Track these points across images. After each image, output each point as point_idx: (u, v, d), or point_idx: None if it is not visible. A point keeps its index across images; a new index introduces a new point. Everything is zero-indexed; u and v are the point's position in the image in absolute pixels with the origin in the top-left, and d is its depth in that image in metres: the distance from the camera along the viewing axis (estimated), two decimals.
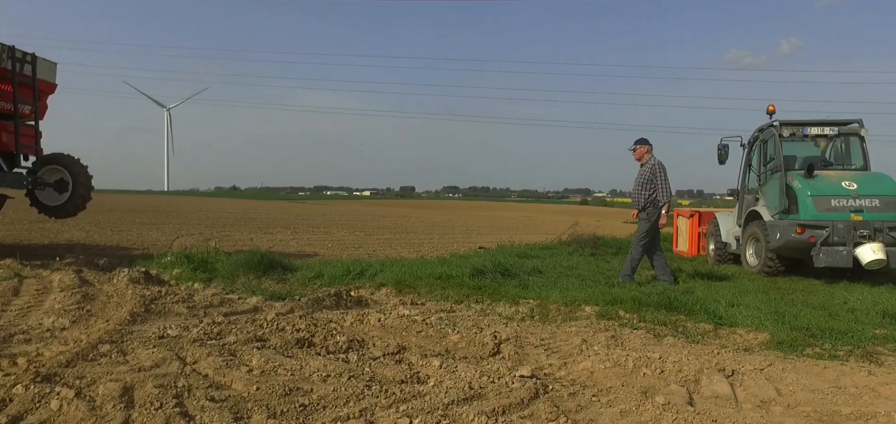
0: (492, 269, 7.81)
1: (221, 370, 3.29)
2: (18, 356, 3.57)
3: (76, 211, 8.98)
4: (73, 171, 8.81)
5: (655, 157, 8.16)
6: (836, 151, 10.45)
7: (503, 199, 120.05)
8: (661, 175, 7.94)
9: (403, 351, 3.88)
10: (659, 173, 7.94)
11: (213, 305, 5.24)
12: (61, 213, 8.87)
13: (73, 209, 8.89)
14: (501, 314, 5.49)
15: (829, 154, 10.43)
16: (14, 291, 5.73)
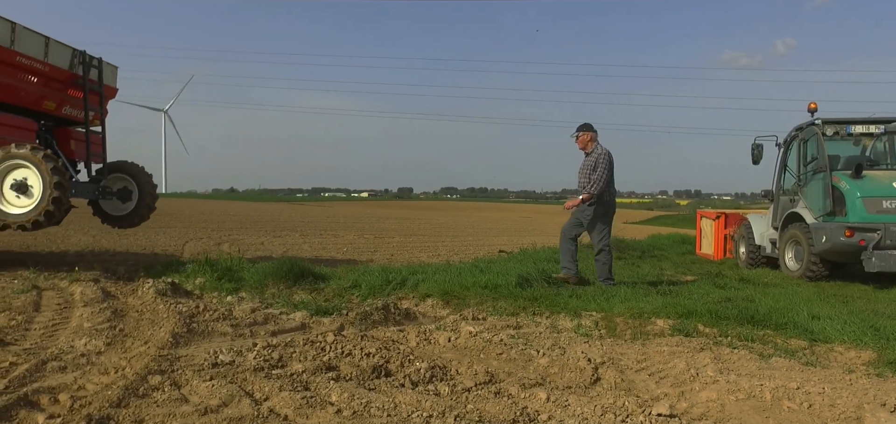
0: (536, 276, 7.37)
1: (302, 410, 2.82)
2: (58, 391, 3.09)
3: (141, 221, 8.70)
4: (139, 180, 8.54)
5: (602, 146, 7.45)
6: (876, 150, 10.05)
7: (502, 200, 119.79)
8: (602, 166, 7.23)
9: (495, 380, 3.42)
10: (601, 164, 7.24)
11: (257, 322, 4.76)
12: (126, 223, 8.61)
13: (138, 220, 8.62)
14: (567, 328, 5.05)
15: (869, 153, 10.04)
16: (35, 306, 5.24)
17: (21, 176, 6.84)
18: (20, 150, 6.79)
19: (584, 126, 7.52)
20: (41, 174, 6.76)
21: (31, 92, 7.46)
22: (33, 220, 6.81)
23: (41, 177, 6.77)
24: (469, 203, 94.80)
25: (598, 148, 7.38)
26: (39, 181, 6.78)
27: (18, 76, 7.22)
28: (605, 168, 7.24)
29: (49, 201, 6.75)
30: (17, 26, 7.01)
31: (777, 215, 10.53)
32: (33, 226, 6.90)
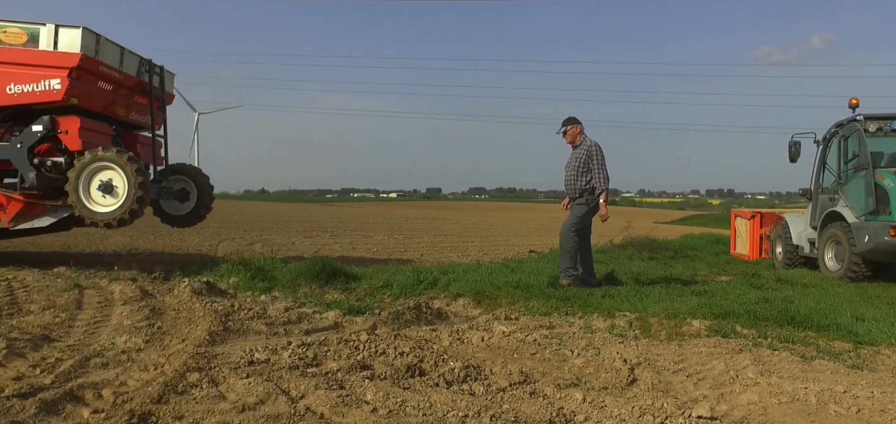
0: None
1: (338, 408, 2.83)
2: (101, 386, 3.16)
3: (198, 221, 9.02)
4: (198, 181, 8.85)
5: (590, 137, 7.14)
6: None
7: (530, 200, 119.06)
8: (598, 158, 6.94)
9: (530, 381, 3.39)
10: (595, 156, 6.94)
11: (291, 321, 4.81)
12: (184, 223, 8.92)
13: (196, 219, 8.95)
14: (601, 328, 4.98)
15: None
16: (77, 303, 5.38)
17: (107, 177, 7.23)
18: (107, 153, 7.19)
19: (570, 119, 7.24)
20: (126, 175, 7.16)
21: (109, 99, 7.86)
22: (119, 218, 7.21)
23: (126, 178, 7.17)
24: (498, 203, 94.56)
25: (586, 140, 7.09)
26: (124, 182, 7.19)
27: (100, 84, 7.63)
28: (602, 159, 6.98)
29: (133, 200, 7.16)
30: (101, 38, 7.41)
31: (816, 215, 10.26)
32: (118, 224, 7.29)
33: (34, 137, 7.33)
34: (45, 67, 7.13)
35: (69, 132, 7.36)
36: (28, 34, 7.16)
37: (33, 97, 7.19)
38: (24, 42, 7.17)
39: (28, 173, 7.33)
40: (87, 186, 7.24)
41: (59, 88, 7.11)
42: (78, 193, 7.20)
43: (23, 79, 7.16)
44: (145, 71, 8.27)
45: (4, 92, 7.19)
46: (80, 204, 7.21)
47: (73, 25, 7.17)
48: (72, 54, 7.11)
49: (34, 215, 7.54)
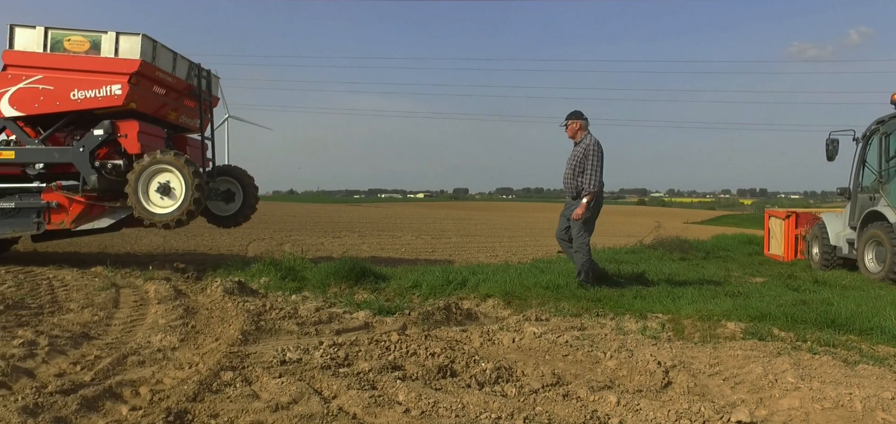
0: (597, 277, 7.23)
1: (370, 409, 2.83)
2: (138, 384, 3.22)
3: (244, 221, 9.23)
4: (244, 182, 9.06)
5: (592, 135, 6.86)
6: None
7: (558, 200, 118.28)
8: (594, 158, 6.66)
9: (563, 382, 3.35)
10: (592, 155, 6.67)
11: (321, 321, 4.84)
12: (230, 223, 9.15)
13: (242, 219, 9.16)
14: (633, 330, 4.91)
15: None
16: (114, 302, 5.50)
17: (165, 179, 7.49)
18: (165, 155, 7.46)
19: (573, 114, 7.03)
20: (184, 178, 7.42)
21: (162, 103, 8.14)
22: (177, 219, 7.48)
23: (184, 180, 7.43)
24: (525, 204, 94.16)
25: (587, 138, 6.86)
26: (181, 184, 7.45)
27: (155, 89, 7.91)
28: (599, 159, 6.73)
29: (191, 201, 7.42)
30: (157, 44, 7.68)
31: (855, 214, 9.98)
32: (176, 224, 7.55)
33: (96, 141, 7.60)
34: (106, 74, 7.42)
35: (128, 136, 7.63)
36: (90, 42, 7.46)
37: (95, 102, 7.47)
38: (87, 50, 7.46)
39: (90, 175, 7.59)
40: (146, 188, 7.50)
41: (119, 93, 7.37)
42: (137, 194, 7.45)
43: (85, 85, 7.44)
44: (194, 75, 8.52)
45: (68, 98, 7.48)
46: (139, 205, 7.46)
47: (133, 33, 7.47)
48: (132, 61, 7.40)
49: (94, 217, 7.81)
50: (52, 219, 7.62)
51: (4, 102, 7.54)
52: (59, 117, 7.72)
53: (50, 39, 7.48)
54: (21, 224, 7.66)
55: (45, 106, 7.53)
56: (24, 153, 7.65)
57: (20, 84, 7.49)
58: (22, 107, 7.54)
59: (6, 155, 7.63)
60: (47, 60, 7.48)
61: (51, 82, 7.48)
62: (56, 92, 7.48)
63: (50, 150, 7.69)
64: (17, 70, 7.52)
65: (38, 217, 7.62)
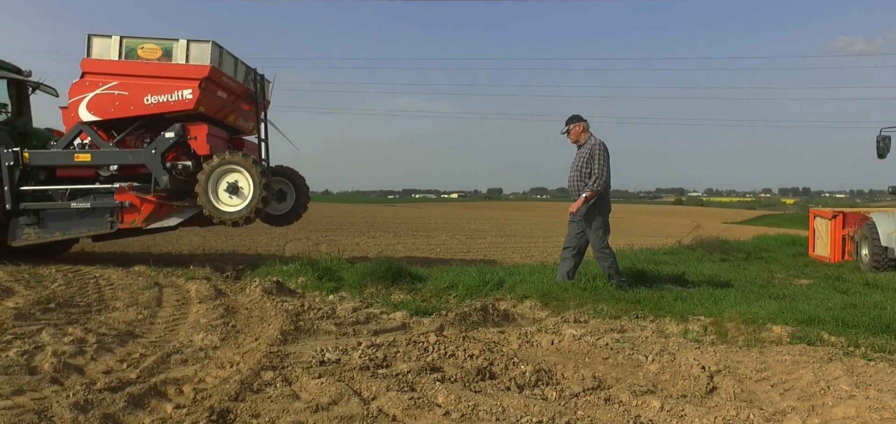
0: (635, 278, 7.11)
1: (410, 411, 2.82)
2: (182, 382, 3.27)
3: (295, 220, 9.45)
4: (296, 182, 9.27)
5: (595, 136, 6.76)
6: None
7: None
8: (601, 157, 6.60)
9: (604, 386, 3.29)
10: (598, 155, 6.61)
11: (359, 321, 4.86)
12: (282, 222, 9.37)
13: (294, 218, 9.39)
14: (674, 332, 4.80)
15: None
16: (157, 301, 5.62)
17: (233, 179, 7.78)
18: (234, 157, 7.79)
19: (574, 118, 6.96)
20: (252, 178, 7.71)
21: (224, 106, 8.41)
22: (245, 217, 7.79)
23: (251, 180, 7.72)
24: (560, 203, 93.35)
25: (590, 139, 6.77)
26: (249, 184, 7.74)
27: (219, 93, 8.18)
28: (605, 159, 6.65)
29: (258, 200, 7.70)
30: (223, 50, 7.99)
31: None
32: (244, 222, 7.86)
33: (167, 143, 7.89)
34: (178, 79, 7.74)
35: (198, 138, 7.95)
36: (162, 49, 7.79)
37: (167, 107, 7.79)
38: (159, 57, 7.79)
39: (162, 176, 7.89)
40: (216, 187, 7.77)
41: (190, 97, 7.68)
42: (207, 194, 7.72)
43: (158, 90, 7.76)
44: (251, 80, 8.78)
45: (142, 102, 7.79)
46: (209, 204, 7.73)
47: (203, 40, 7.78)
48: (202, 66, 7.71)
49: (164, 216, 8.11)
50: (125, 218, 7.93)
51: (82, 108, 7.88)
52: (132, 121, 8.03)
53: (124, 48, 7.80)
54: (95, 223, 7.98)
55: (120, 111, 7.85)
56: (99, 156, 7.97)
57: (97, 90, 7.82)
58: (98, 112, 7.87)
59: (83, 158, 7.96)
60: (122, 68, 7.81)
61: (125, 88, 7.80)
62: (130, 97, 7.80)
63: (124, 152, 8.01)
64: (95, 77, 7.85)
65: (112, 216, 7.93)
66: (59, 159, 8.04)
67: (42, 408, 2.77)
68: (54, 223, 7.97)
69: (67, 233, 8.13)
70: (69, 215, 7.96)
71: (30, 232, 7.93)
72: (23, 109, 9.20)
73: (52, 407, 2.78)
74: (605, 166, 6.63)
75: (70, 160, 8.00)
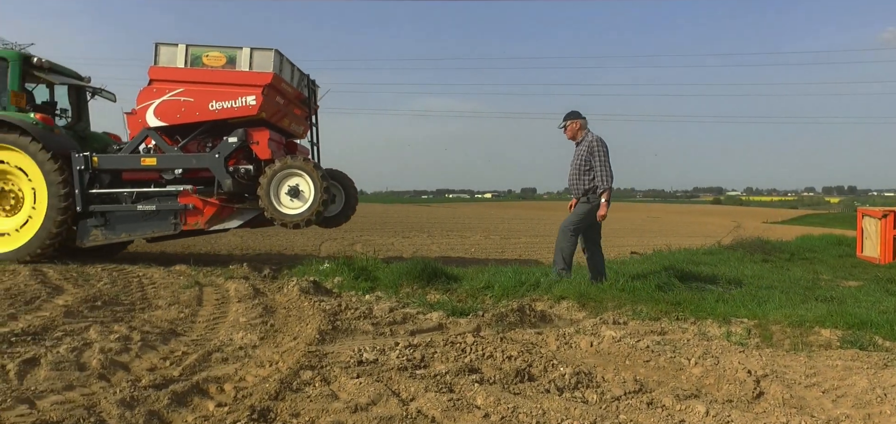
0: (676, 279, 6.97)
1: (449, 412, 2.80)
2: (223, 381, 3.32)
3: (345, 221, 9.60)
4: (345, 184, 9.43)
5: (593, 132, 6.72)
6: None
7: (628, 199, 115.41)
8: (600, 154, 6.56)
9: (646, 390, 3.22)
10: (597, 152, 6.57)
11: (396, 321, 4.86)
12: (333, 223, 9.52)
13: (343, 219, 9.54)
14: (717, 335, 4.68)
15: None
16: (198, 300, 5.72)
17: (294, 183, 7.98)
18: (295, 161, 8.00)
19: (571, 114, 6.91)
20: (313, 181, 7.92)
21: (280, 110, 8.60)
22: (306, 219, 7.97)
23: (313, 183, 7.92)
24: None
25: (588, 135, 6.72)
26: (310, 187, 7.94)
27: (278, 99, 8.39)
28: (606, 154, 6.61)
29: (319, 203, 7.90)
30: (283, 57, 8.19)
31: None
32: (305, 224, 8.04)
33: (230, 148, 8.10)
34: (242, 86, 7.95)
35: (260, 143, 8.16)
36: (227, 57, 8.02)
37: (231, 112, 8.01)
38: (223, 64, 8.02)
39: (225, 179, 8.10)
40: (278, 190, 7.97)
41: (253, 103, 7.89)
42: (269, 197, 7.91)
43: (222, 96, 7.99)
44: (304, 85, 8.98)
45: (207, 108, 8.03)
46: (271, 207, 7.93)
47: (266, 48, 7.98)
48: (265, 73, 7.91)
49: (225, 218, 8.32)
50: (188, 220, 8.14)
51: (150, 114, 8.12)
52: (196, 127, 8.26)
53: (190, 55, 8.03)
54: (160, 225, 8.22)
55: (186, 116, 8.09)
56: (164, 160, 8.21)
57: (163, 97, 8.06)
58: (165, 118, 8.11)
59: (149, 162, 8.21)
60: (188, 75, 8.03)
61: (191, 95, 8.03)
62: (196, 103, 8.03)
63: (188, 156, 8.24)
64: (161, 84, 8.08)
65: (175, 219, 8.15)
66: (127, 163, 8.29)
67: (91, 404, 2.84)
68: (121, 225, 8.22)
69: (133, 234, 8.39)
70: (135, 217, 8.20)
71: (97, 233, 8.19)
72: (82, 114, 9.53)
73: (100, 403, 2.84)
74: (607, 161, 6.61)
75: (137, 164, 8.24)
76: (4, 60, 8.33)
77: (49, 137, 8.03)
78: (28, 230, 7.96)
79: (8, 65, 8.29)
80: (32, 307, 5.07)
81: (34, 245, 7.88)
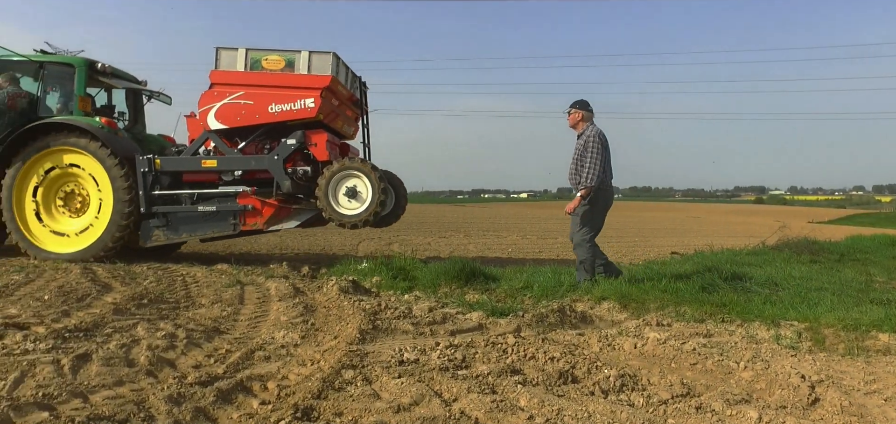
0: (720, 280, 6.80)
1: (492, 414, 2.77)
2: (266, 379, 3.35)
3: (395, 221, 9.70)
4: (395, 184, 9.56)
5: (594, 126, 6.51)
6: None
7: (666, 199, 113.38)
8: (594, 150, 6.30)
9: (693, 394, 3.13)
10: (591, 147, 6.31)
11: (436, 321, 4.85)
12: (384, 223, 9.64)
13: (394, 219, 9.66)
14: (765, 338, 4.53)
15: None
16: (239, 299, 5.80)
17: (352, 184, 8.11)
18: (353, 162, 8.16)
19: (576, 103, 6.67)
20: (371, 183, 8.03)
21: (335, 112, 8.76)
22: (364, 220, 8.09)
23: (370, 185, 8.03)
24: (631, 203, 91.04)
25: (588, 129, 6.49)
26: (368, 188, 8.06)
27: (334, 101, 8.55)
28: (598, 152, 6.35)
29: (377, 204, 8.01)
30: (340, 60, 8.35)
31: None
32: (362, 225, 8.17)
33: (289, 150, 8.27)
34: (301, 89, 8.12)
35: (318, 145, 8.32)
36: (286, 60, 8.20)
37: (290, 115, 8.18)
38: (282, 68, 8.20)
39: (284, 181, 8.26)
40: (336, 191, 8.10)
41: (312, 106, 8.04)
42: (328, 198, 8.04)
43: (282, 99, 8.16)
44: (356, 87, 9.11)
45: (266, 111, 8.22)
46: (329, 208, 8.05)
47: (325, 52, 8.14)
48: (324, 77, 8.07)
49: (282, 218, 8.49)
50: (247, 221, 8.32)
51: (211, 117, 8.34)
52: (256, 129, 8.44)
53: (249, 59, 8.22)
54: (220, 226, 8.40)
55: (246, 119, 8.27)
56: (225, 162, 8.41)
57: (224, 100, 8.26)
58: (225, 120, 8.31)
59: (210, 163, 8.42)
60: (248, 78, 8.22)
61: (251, 98, 8.21)
62: (256, 106, 8.21)
63: (248, 158, 8.42)
64: (222, 88, 8.29)
65: (235, 219, 8.32)
66: (188, 165, 8.50)
67: (140, 399, 2.89)
68: (182, 226, 8.41)
69: (193, 235, 8.58)
70: (195, 217, 8.38)
71: (159, 234, 8.41)
72: (138, 117, 9.80)
73: (149, 399, 2.90)
74: (598, 159, 6.37)
75: (197, 166, 8.44)
76: (71, 66, 8.63)
77: (115, 141, 8.28)
78: (94, 231, 8.23)
79: (75, 71, 8.59)
80: (84, 304, 5.22)
81: (100, 246, 8.14)
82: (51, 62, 8.66)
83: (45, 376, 3.16)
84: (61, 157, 8.22)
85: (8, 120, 8.26)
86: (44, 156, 8.20)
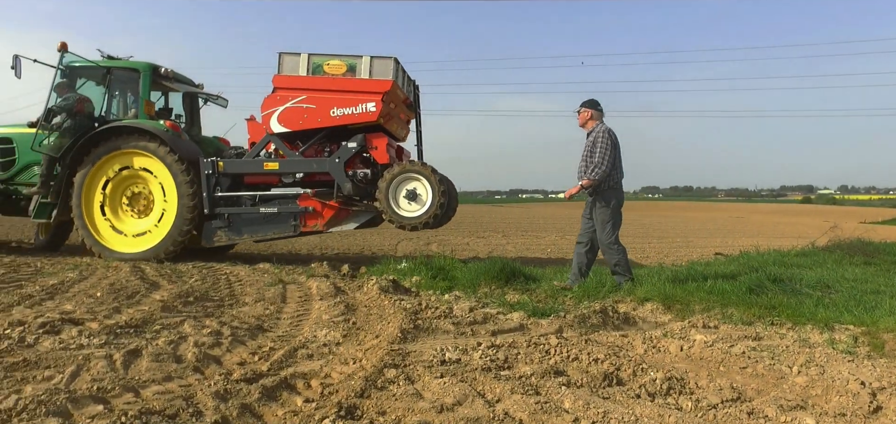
0: (768, 281, 6.59)
1: (537, 415, 2.73)
2: (309, 377, 3.37)
3: (446, 221, 9.80)
4: (448, 185, 9.70)
5: (604, 124, 6.53)
6: None
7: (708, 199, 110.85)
8: (603, 146, 6.33)
9: (744, 399, 3.03)
10: (600, 143, 6.35)
11: (476, 321, 4.82)
12: (438, 224, 9.76)
13: (445, 220, 9.79)
14: (819, 342, 4.37)
15: None
16: (282, 297, 5.88)
17: (412, 186, 8.25)
18: (413, 165, 8.30)
19: (586, 102, 6.67)
20: (430, 185, 8.16)
21: (393, 117, 8.93)
22: (423, 222, 8.22)
23: (430, 187, 8.16)
24: (672, 203, 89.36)
25: (597, 127, 6.50)
26: (427, 190, 8.19)
27: (392, 105, 8.69)
28: (607, 147, 6.33)
29: (437, 206, 8.13)
30: (399, 65, 8.51)
31: None
32: (422, 226, 8.30)
33: (349, 153, 8.45)
34: (362, 93, 8.25)
35: (378, 148, 8.49)
36: (347, 65, 8.34)
37: (351, 118, 8.34)
38: (344, 72, 8.35)
39: (345, 183, 8.42)
40: (396, 194, 8.22)
41: (373, 110, 8.20)
42: (388, 200, 8.17)
43: (344, 103, 8.31)
44: (411, 90, 9.22)
45: (328, 115, 8.38)
46: (389, 210, 8.18)
47: (386, 56, 8.27)
48: (385, 81, 8.20)
49: (342, 220, 8.64)
50: (307, 223, 8.48)
51: (274, 120, 8.52)
52: (317, 132, 8.59)
53: (311, 64, 8.38)
54: (280, 227, 8.57)
55: (308, 122, 8.42)
56: (287, 164, 8.58)
57: (287, 104, 8.43)
58: (288, 124, 8.48)
59: (272, 166, 8.61)
60: (310, 82, 8.39)
61: (313, 102, 8.36)
62: (318, 110, 8.36)
63: (309, 161, 8.58)
64: (285, 92, 8.47)
65: (295, 221, 8.49)
66: (251, 168, 8.67)
67: (188, 395, 2.95)
68: (244, 227, 8.60)
69: (255, 236, 8.74)
70: (257, 219, 8.54)
71: (221, 235, 8.61)
72: (194, 120, 10.06)
73: (197, 395, 2.95)
74: (607, 155, 6.35)
75: (260, 169, 8.61)
76: (136, 70, 8.92)
77: (179, 144, 8.52)
78: (159, 231, 8.47)
79: (140, 76, 8.86)
80: (133, 301, 5.37)
81: (165, 245, 8.37)
82: (117, 67, 8.94)
83: (99, 370, 3.25)
84: (132, 159, 8.49)
85: (76, 124, 8.57)
86: (113, 158, 8.48)
